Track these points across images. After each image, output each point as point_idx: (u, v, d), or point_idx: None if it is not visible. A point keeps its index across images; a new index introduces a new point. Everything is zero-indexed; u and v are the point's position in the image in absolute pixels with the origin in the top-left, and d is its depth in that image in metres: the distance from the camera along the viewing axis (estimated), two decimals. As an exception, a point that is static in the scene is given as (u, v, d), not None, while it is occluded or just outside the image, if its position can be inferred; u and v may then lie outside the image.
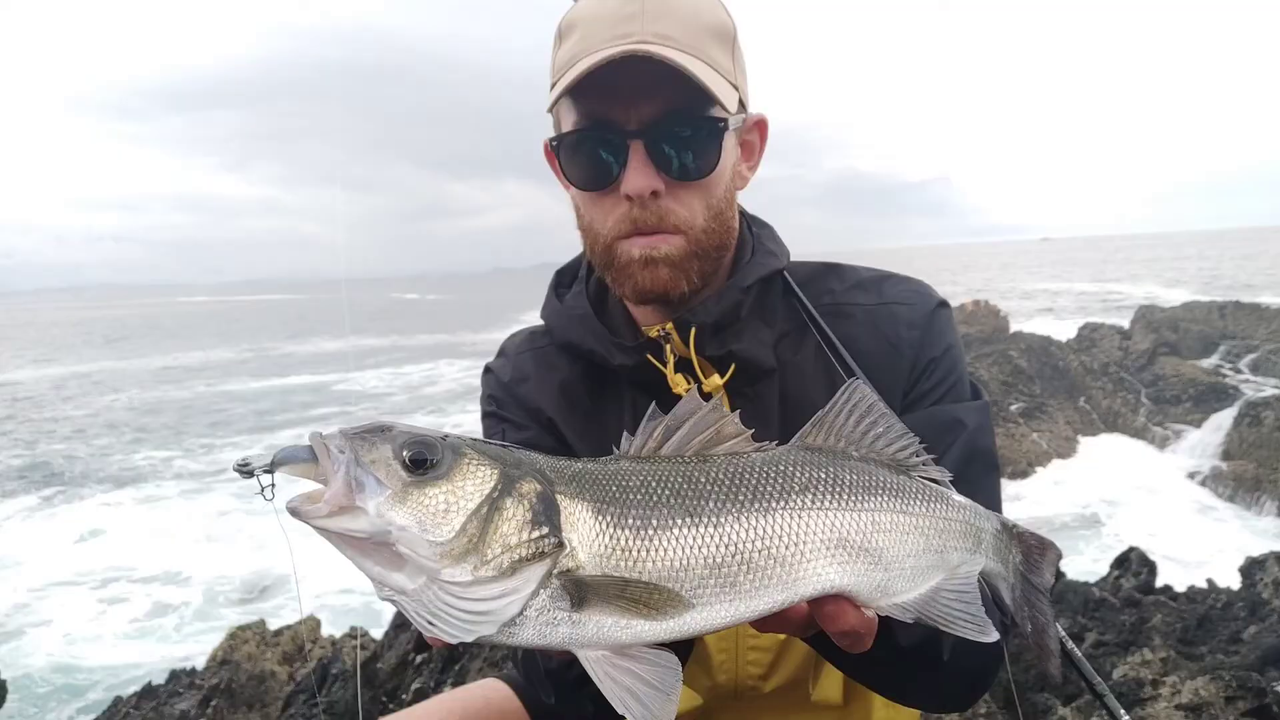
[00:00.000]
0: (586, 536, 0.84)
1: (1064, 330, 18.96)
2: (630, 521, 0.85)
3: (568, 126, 1.28)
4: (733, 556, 0.86)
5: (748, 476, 0.90)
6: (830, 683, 1.44)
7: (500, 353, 1.59)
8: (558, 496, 0.85)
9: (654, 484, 0.87)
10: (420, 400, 23.98)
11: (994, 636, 0.95)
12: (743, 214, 1.46)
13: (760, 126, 1.41)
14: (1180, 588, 5.65)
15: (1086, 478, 12.65)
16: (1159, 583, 5.75)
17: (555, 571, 0.82)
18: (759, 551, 0.87)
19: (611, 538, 0.84)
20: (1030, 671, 3.97)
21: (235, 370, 38.08)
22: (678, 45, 1.21)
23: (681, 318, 1.33)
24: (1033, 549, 1.07)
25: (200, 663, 6.11)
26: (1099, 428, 14.31)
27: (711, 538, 0.86)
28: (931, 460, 1.02)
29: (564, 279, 1.55)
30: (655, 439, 0.93)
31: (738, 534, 0.87)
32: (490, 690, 1.74)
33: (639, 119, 1.23)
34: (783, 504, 0.89)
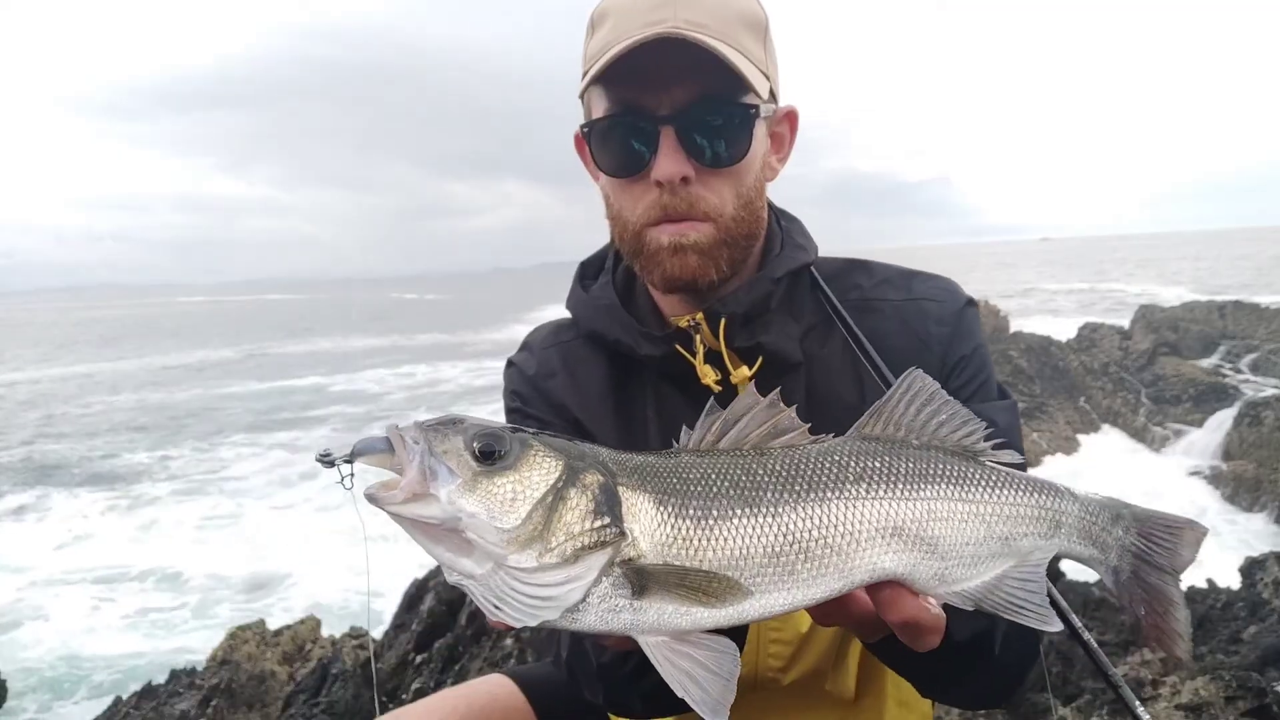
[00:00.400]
0: (648, 526, 0.87)
1: (1064, 330, 18.93)
2: (690, 512, 0.88)
3: (598, 114, 1.28)
4: (790, 545, 0.88)
5: (804, 467, 0.92)
6: (844, 676, 1.44)
7: (524, 346, 1.58)
8: (619, 488, 0.88)
9: (713, 476, 0.90)
10: (418, 400, 23.89)
11: (1057, 626, 0.95)
12: (771, 207, 1.46)
13: (790, 118, 1.41)
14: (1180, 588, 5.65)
15: (1086, 477, 12.66)
16: (1159, 583, 5.74)
17: (617, 560, 0.85)
18: (815, 540, 0.89)
19: (673, 528, 0.87)
20: (1029, 672, 3.96)
21: (233, 370, 38.05)
22: (710, 32, 1.21)
23: (711, 308, 1.32)
24: (1159, 529, 1.04)
25: (200, 663, 6.11)
26: (1099, 428, 14.31)
27: (769, 527, 0.88)
28: (1003, 444, 1.00)
29: (589, 270, 1.54)
30: (713, 433, 0.95)
31: (794, 523, 0.89)
32: (495, 686, 1.73)
33: (671, 105, 1.23)
34: (838, 493, 0.91)
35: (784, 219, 1.48)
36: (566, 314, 1.54)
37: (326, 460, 0.88)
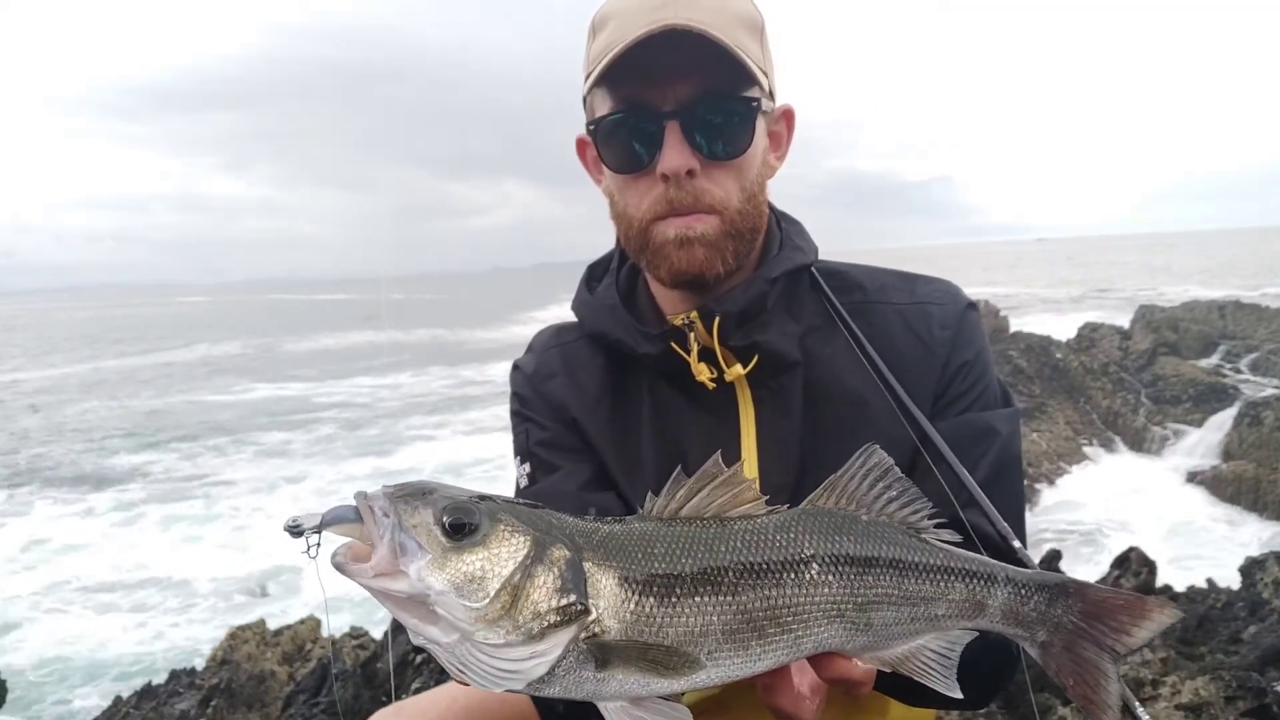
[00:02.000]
0: (612, 603, 0.89)
1: (1064, 330, 18.92)
2: (654, 590, 0.90)
3: (603, 112, 1.30)
4: (746, 624, 0.93)
5: (762, 545, 0.95)
6: None
7: (528, 349, 1.61)
8: (585, 563, 0.90)
9: (676, 551, 0.92)
10: (410, 408, 23.71)
11: (958, 694, 1.01)
12: (771, 209, 1.48)
13: (787, 117, 1.43)
14: (1180, 588, 5.65)
15: (1085, 478, 12.64)
16: (1159, 583, 5.74)
17: (582, 636, 0.88)
18: (769, 620, 0.94)
19: (637, 605, 0.90)
20: (1030, 670, 3.96)
21: (228, 370, 38.02)
22: (712, 29, 1.23)
23: (706, 306, 1.33)
24: (1114, 611, 1.05)
25: (200, 663, 6.11)
26: (1099, 428, 14.30)
27: (728, 607, 0.92)
28: (943, 523, 1.06)
29: (596, 272, 1.56)
30: (677, 500, 0.98)
31: (751, 604, 0.93)
32: None
33: (675, 100, 1.25)
34: (792, 576, 0.95)
35: (784, 220, 1.49)
36: (568, 315, 1.57)
37: (295, 530, 0.88)
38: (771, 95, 1.36)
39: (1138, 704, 1.22)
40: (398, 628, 5.24)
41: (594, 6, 1.36)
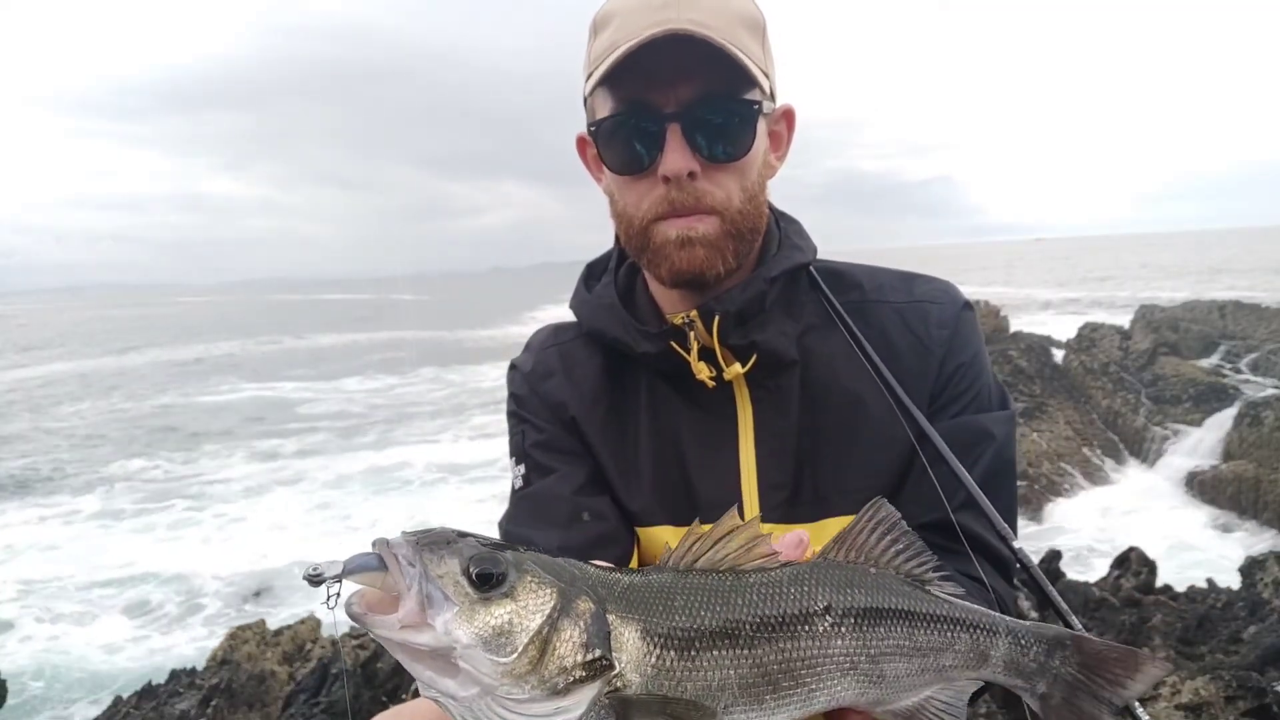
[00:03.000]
0: (635, 658, 0.89)
1: (1064, 330, 18.92)
2: (674, 643, 0.90)
3: (604, 113, 1.30)
4: (763, 678, 0.93)
5: (777, 599, 0.96)
6: None
7: (526, 347, 1.61)
8: (609, 615, 0.89)
9: (695, 604, 0.93)
10: (403, 415, 23.56)
11: None
12: (771, 208, 1.48)
13: (788, 117, 1.43)
14: (1180, 588, 5.65)
15: (1084, 477, 12.64)
16: (1159, 583, 5.75)
17: (604, 691, 0.87)
18: (784, 674, 0.94)
19: (659, 659, 0.89)
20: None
21: (221, 370, 37.97)
22: (714, 31, 1.23)
23: (705, 305, 1.34)
24: (1109, 663, 1.07)
25: (200, 663, 6.11)
26: (1099, 428, 14.29)
27: (745, 660, 0.93)
28: (948, 576, 1.08)
29: (595, 271, 1.56)
30: (693, 553, 0.98)
31: (768, 658, 0.94)
32: None
33: (676, 101, 1.25)
34: (807, 629, 0.96)
35: (783, 220, 1.50)
36: (567, 315, 1.56)
37: (316, 579, 0.85)
38: (772, 95, 1.36)
39: (1137, 704, 1.22)
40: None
41: (595, 5, 1.36)
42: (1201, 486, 11.87)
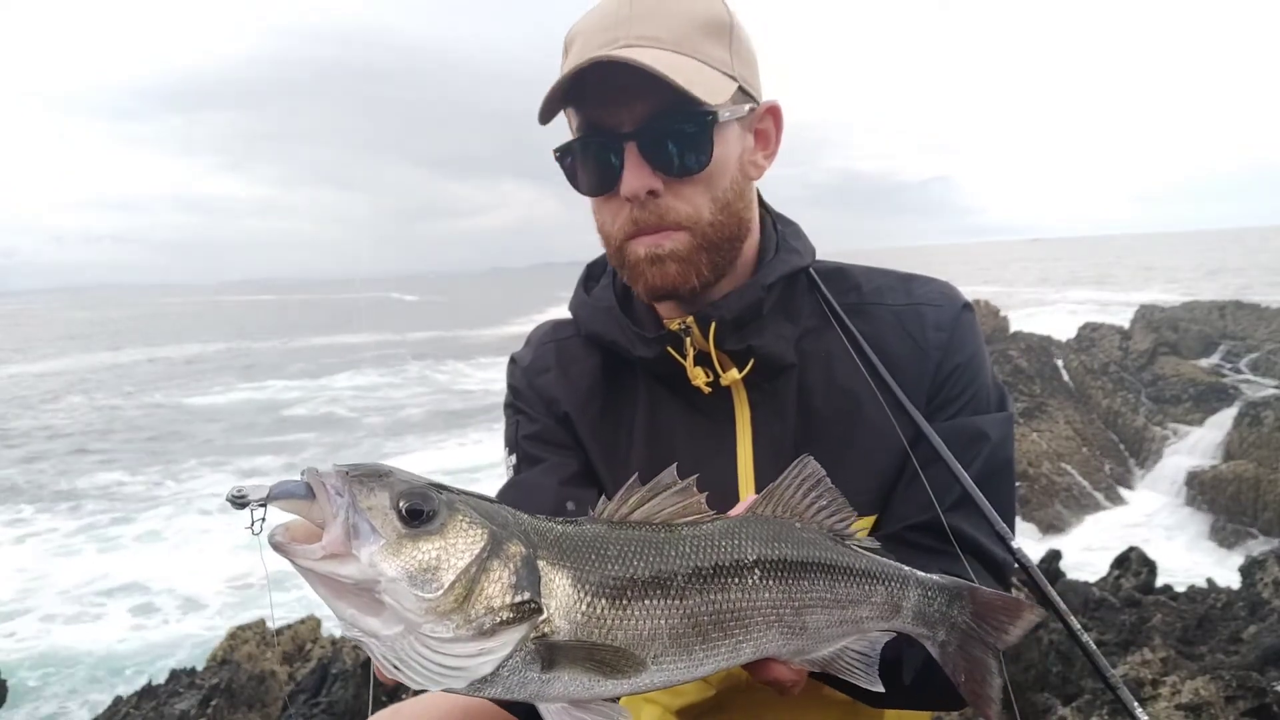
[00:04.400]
0: (564, 604, 0.88)
1: (1064, 330, 18.91)
2: (606, 591, 0.90)
3: (540, 124, 1.31)
4: (693, 629, 0.94)
5: (709, 552, 0.97)
6: None
7: (526, 342, 1.62)
8: (539, 561, 0.88)
9: (629, 554, 0.92)
10: (399, 426, 23.38)
11: (879, 687, 1.06)
12: (769, 210, 1.47)
13: (773, 113, 1.41)
14: (1180, 588, 5.65)
15: (1084, 477, 12.64)
16: (1159, 583, 5.75)
17: (531, 636, 0.85)
18: (714, 625, 0.96)
19: (589, 606, 0.89)
20: (1030, 671, 3.97)
21: (219, 367, 37.91)
22: (662, 44, 1.23)
23: (703, 311, 1.34)
24: (995, 611, 1.13)
25: (200, 663, 6.12)
26: (1099, 428, 14.29)
27: (676, 611, 0.93)
28: (865, 534, 1.13)
29: (594, 272, 1.57)
30: (629, 505, 0.99)
31: (698, 609, 0.94)
32: None
33: (632, 120, 1.25)
34: (737, 581, 0.97)
35: (780, 222, 1.49)
36: (566, 315, 1.57)
37: (239, 501, 0.82)
38: (749, 94, 1.34)
39: (1136, 704, 1.22)
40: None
41: (595, 5, 1.36)
42: (1201, 486, 11.87)
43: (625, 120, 1.25)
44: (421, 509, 0.83)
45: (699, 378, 1.35)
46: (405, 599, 0.80)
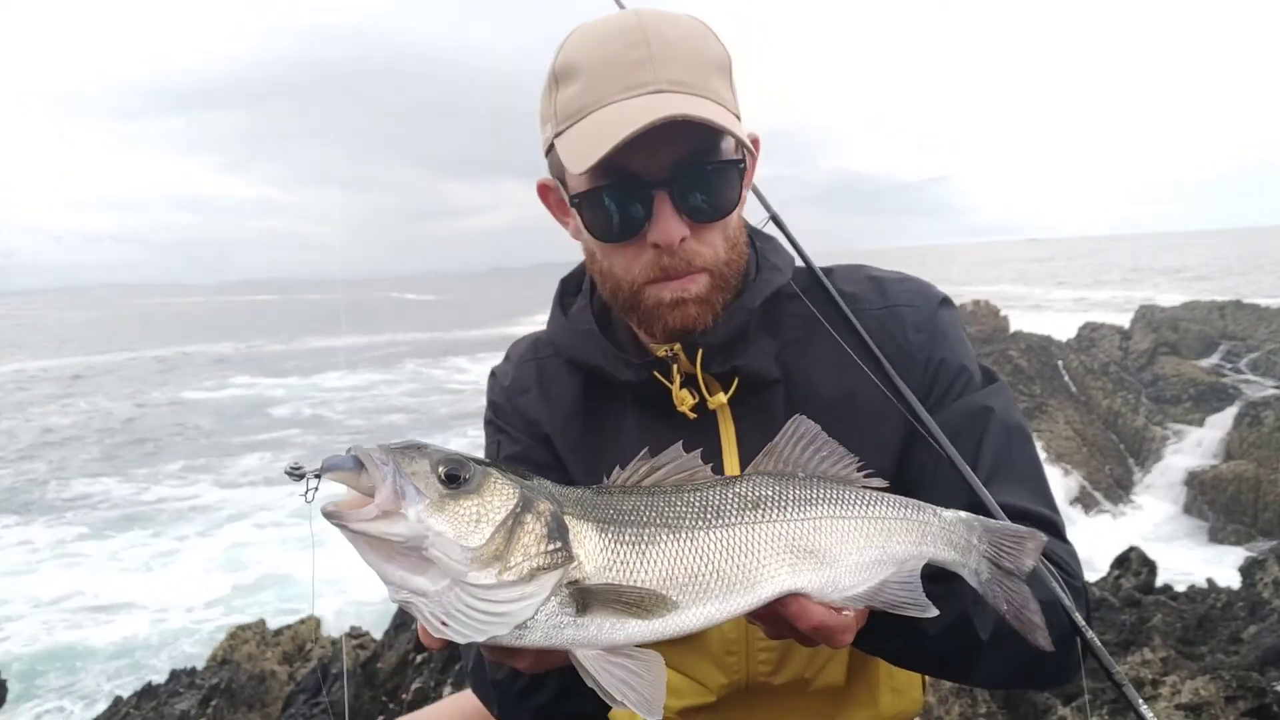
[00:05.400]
0: (591, 551, 0.98)
1: (1064, 330, 18.90)
2: (626, 538, 1.00)
3: (578, 171, 1.23)
4: (706, 565, 1.02)
5: (713, 499, 1.06)
6: (834, 666, 1.45)
7: (506, 357, 1.60)
8: (566, 516, 0.98)
9: (642, 508, 1.03)
10: (405, 407, 23.30)
11: (933, 613, 1.06)
12: (745, 225, 1.46)
13: (755, 144, 1.40)
14: (1180, 588, 5.65)
15: (1084, 477, 12.65)
16: (1159, 582, 5.75)
17: (565, 581, 0.95)
18: (725, 560, 1.03)
19: (612, 552, 0.98)
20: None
21: (224, 369, 37.89)
22: (690, 89, 1.21)
23: (690, 340, 1.33)
24: (1005, 539, 1.15)
25: (200, 663, 6.11)
26: (1099, 428, 14.29)
27: (689, 549, 1.01)
28: (872, 473, 1.14)
29: (569, 288, 1.54)
30: (639, 475, 1.07)
31: (708, 545, 1.02)
32: (465, 702, 1.76)
33: (660, 167, 1.22)
34: (740, 518, 1.05)
35: (758, 239, 1.48)
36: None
37: (296, 473, 0.92)
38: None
39: (1141, 702, 1.22)
40: (399, 627, 5.25)
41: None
42: (1201, 486, 11.87)
43: (654, 166, 1.22)
44: (459, 473, 0.93)
45: (685, 403, 1.34)
46: (451, 550, 0.89)
